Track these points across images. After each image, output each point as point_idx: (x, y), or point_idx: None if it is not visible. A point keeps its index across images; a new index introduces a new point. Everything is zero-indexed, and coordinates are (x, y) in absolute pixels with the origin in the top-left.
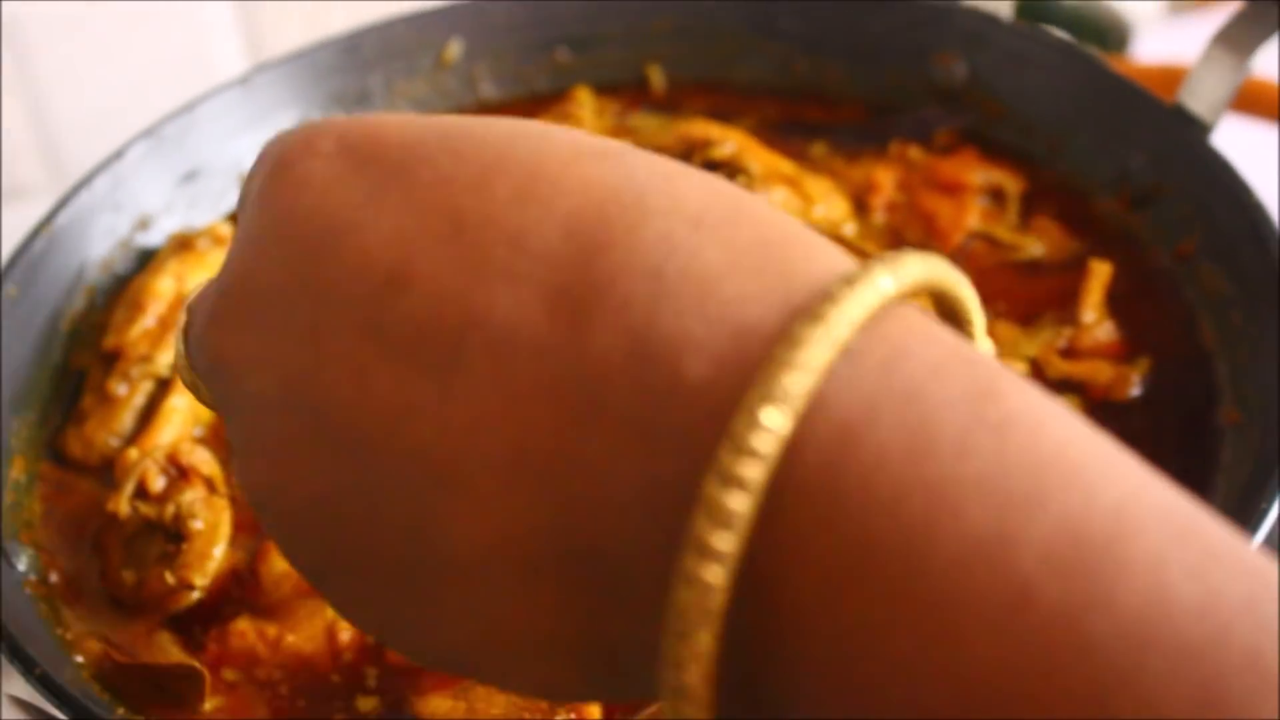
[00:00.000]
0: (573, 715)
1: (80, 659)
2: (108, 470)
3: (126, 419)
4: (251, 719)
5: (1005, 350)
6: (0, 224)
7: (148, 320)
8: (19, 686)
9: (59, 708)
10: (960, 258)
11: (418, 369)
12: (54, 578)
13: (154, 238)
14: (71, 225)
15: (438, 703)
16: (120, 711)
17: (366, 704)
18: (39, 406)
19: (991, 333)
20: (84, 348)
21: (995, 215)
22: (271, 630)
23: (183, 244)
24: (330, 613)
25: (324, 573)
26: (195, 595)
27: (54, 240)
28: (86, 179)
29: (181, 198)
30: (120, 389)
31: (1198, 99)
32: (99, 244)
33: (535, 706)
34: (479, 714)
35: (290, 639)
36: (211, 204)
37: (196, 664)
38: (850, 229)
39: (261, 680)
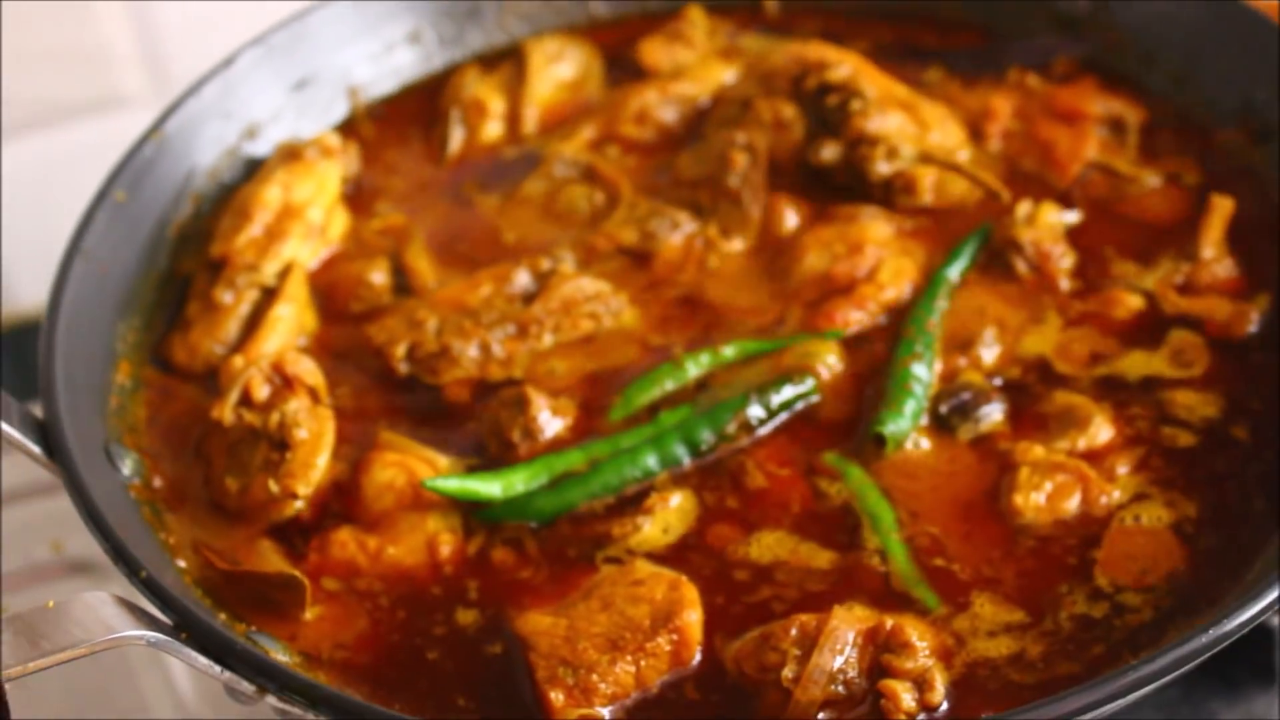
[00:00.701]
0: (675, 636)
1: (183, 564)
2: (212, 377)
3: (231, 327)
4: (351, 629)
5: (1121, 285)
6: (101, 132)
7: (254, 229)
8: (120, 587)
9: (162, 611)
10: (1078, 188)
11: None
12: (157, 482)
13: (261, 147)
14: (180, 132)
15: (537, 619)
16: (222, 618)
17: (466, 617)
18: (144, 312)
19: (1109, 268)
20: (190, 254)
21: (1114, 146)
22: (372, 542)
23: (290, 153)
24: (431, 526)
25: None
26: (298, 504)
27: (163, 147)
28: (195, 86)
29: (290, 107)
30: (226, 297)
31: None
32: (207, 151)
33: (636, 626)
34: (579, 632)
35: (391, 551)
36: (320, 113)
37: (298, 573)
38: (965, 156)
39: (362, 591)
